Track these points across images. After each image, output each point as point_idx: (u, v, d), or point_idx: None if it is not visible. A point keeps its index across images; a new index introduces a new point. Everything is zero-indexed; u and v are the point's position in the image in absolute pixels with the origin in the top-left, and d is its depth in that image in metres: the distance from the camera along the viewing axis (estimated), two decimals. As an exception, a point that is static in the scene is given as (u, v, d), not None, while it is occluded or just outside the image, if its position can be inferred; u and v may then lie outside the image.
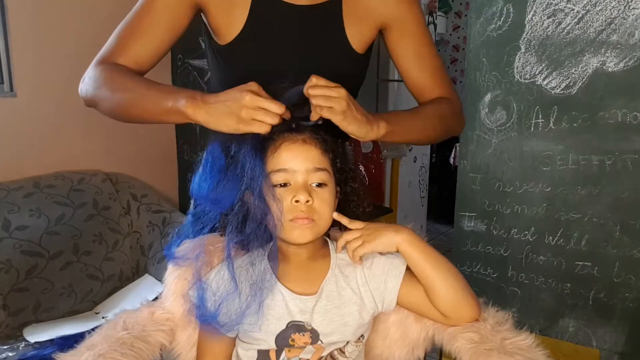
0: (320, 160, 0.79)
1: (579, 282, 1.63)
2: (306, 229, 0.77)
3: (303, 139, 0.78)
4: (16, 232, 1.75)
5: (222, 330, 0.80)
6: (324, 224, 0.79)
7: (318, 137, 0.79)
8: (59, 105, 2.06)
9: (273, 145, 0.78)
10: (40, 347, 1.57)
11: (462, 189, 1.81)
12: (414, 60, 1.02)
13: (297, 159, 0.77)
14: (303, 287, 0.82)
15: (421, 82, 1.02)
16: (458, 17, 4.66)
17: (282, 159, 0.77)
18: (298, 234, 0.77)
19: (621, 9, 1.47)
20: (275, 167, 0.77)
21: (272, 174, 0.77)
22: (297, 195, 0.75)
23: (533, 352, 0.76)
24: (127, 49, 0.92)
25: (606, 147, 1.54)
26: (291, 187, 0.77)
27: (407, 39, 1.01)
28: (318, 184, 0.78)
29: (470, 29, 1.72)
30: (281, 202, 0.76)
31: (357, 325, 0.82)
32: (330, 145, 0.81)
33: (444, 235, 3.82)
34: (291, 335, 0.80)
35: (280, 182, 0.77)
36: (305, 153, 0.78)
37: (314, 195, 0.77)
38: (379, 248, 0.80)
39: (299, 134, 0.78)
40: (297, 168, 0.77)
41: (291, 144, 0.78)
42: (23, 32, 1.94)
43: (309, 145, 0.78)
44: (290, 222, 0.76)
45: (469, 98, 1.75)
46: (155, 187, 2.40)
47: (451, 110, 1.01)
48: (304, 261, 0.82)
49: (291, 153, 0.77)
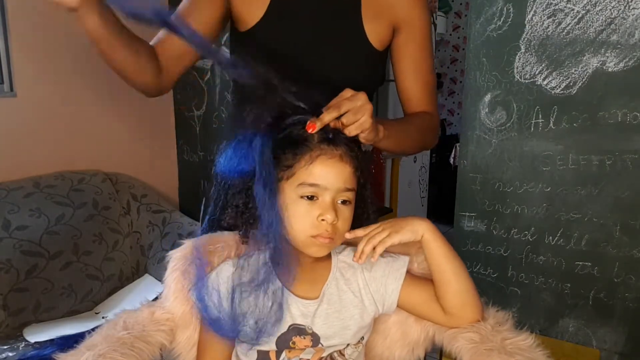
0: (352, 180, 0.77)
1: (579, 282, 1.63)
2: (324, 247, 0.77)
3: (340, 155, 0.76)
4: (16, 232, 1.75)
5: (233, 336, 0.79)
6: (340, 240, 0.79)
7: (353, 154, 0.78)
8: (59, 105, 2.06)
9: (309, 155, 0.75)
10: (40, 347, 1.57)
11: (462, 189, 1.81)
12: (412, 68, 1.03)
13: (331, 176, 0.75)
14: (305, 290, 0.81)
15: (412, 92, 1.04)
16: (458, 17, 4.66)
17: (316, 173, 0.74)
18: (316, 250, 0.77)
19: (621, 9, 1.47)
20: (307, 180, 0.74)
21: (301, 186, 0.75)
22: (325, 215, 0.74)
23: (533, 352, 0.77)
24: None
25: (606, 147, 1.54)
26: (318, 203, 0.75)
27: (411, 45, 1.02)
28: (343, 201, 0.77)
29: (470, 29, 1.72)
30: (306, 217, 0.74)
31: (358, 328, 0.82)
32: (361, 163, 0.80)
33: (444, 235, 3.82)
34: (292, 338, 0.80)
35: (307, 195, 0.75)
36: (341, 171, 0.75)
37: (339, 214, 0.76)
38: (407, 236, 0.79)
39: (336, 147, 0.76)
40: (330, 186, 0.75)
41: (328, 159, 0.75)
42: (23, 32, 1.94)
43: (345, 163, 0.76)
44: (312, 237, 0.75)
45: (469, 98, 1.75)
46: (155, 187, 2.40)
47: (432, 127, 1.05)
48: (307, 264, 0.82)
49: (327, 169, 0.75)
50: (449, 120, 4.84)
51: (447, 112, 4.89)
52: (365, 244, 0.78)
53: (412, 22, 1.00)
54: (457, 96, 4.80)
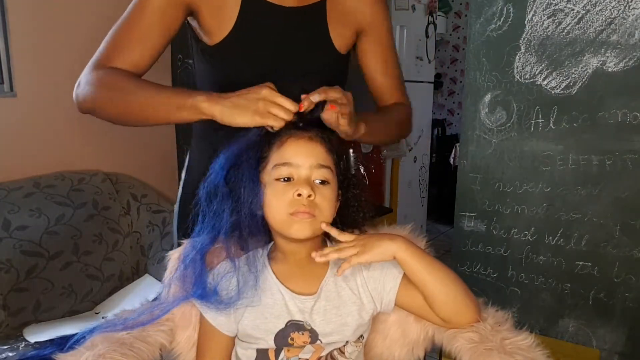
0: (325, 157, 0.80)
1: (579, 282, 1.63)
2: (305, 224, 0.77)
3: (309, 136, 0.80)
4: (16, 232, 1.75)
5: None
6: (322, 218, 0.78)
7: (324, 135, 0.81)
8: (59, 105, 2.06)
9: (279, 140, 0.79)
10: (40, 347, 1.57)
11: (462, 189, 1.81)
12: (381, 66, 1.10)
13: (302, 154, 0.78)
14: (302, 286, 0.82)
15: (384, 87, 1.11)
16: (458, 17, 4.66)
17: (287, 153, 0.78)
18: (297, 229, 0.77)
19: (621, 9, 1.47)
20: (279, 161, 0.78)
21: (275, 168, 0.78)
22: (300, 189, 0.76)
23: (533, 352, 0.76)
24: (123, 53, 0.92)
25: (606, 147, 1.54)
26: (294, 182, 0.77)
27: (377, 45, 1.09)
28: (321, 182, 0.78)
29: (470, 29, 1.72)
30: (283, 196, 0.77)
31: (357, 325, 0.82)
32: (335, 145, 0.83)
33: (444, 235, 3.82)
34: (290, 334, 0.80)
35: (283, 176, 0.78)
36: (311, 149, 0.79)
37: (316, 191, 0.77)
38: (377, 258, 0.78)
39: (306, 131, 0.80)
40: (302, 163, 0.78)
41: (297, 139, 0.79)
42: (23, 32, 1.94)
43: (315, 142, 0.80)
44: (291, 215, 0.76)
45: (469, 98, 1.75)
46: (155, 187, 2.40)
47: (406, 117, 1.12)
48: (303, 260, 0.82)
49: (296, 148, 0.79)
50: (449, 120, 4.84)
51: (447, 112, 4.89)
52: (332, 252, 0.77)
53: (376, 25, 1.07)
54: (457, 96, 4.80)
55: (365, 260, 0.77)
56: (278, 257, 0.84)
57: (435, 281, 0.79)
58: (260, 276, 0.81)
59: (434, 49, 3.41)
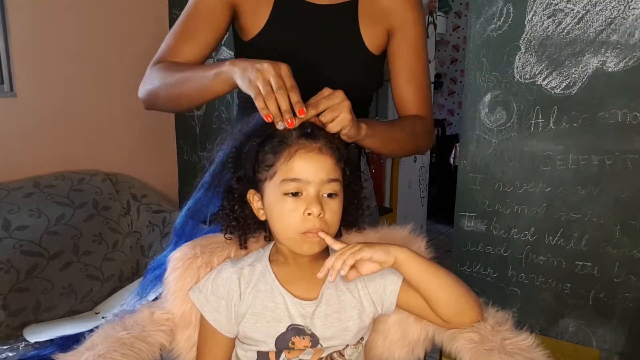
0: (334, 170, 0.77)
1: (579, 282, 1.63)
2: (316, 244, 0.76)
3: (319, 148, 0.76)
4: (16, 232, 1.75)
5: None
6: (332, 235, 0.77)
7: (333, 146, 0.78)
8: (59, 105, 2.06)
9: (287, 151, 0.75)
10: (40, 347, 1.57)
11: (462, 189, 1.80)
12: (406, 72, 1.06)
13: (311, 169, 0.75)
14: (303, 290, 0.81)
15: (405, 95, 1.06)
16: (458, 17, 4.66)
17: (296, 168, 0.75)
18: (308, 248, 0.76)
19: (621, 9, 1.47)
20: (288, 176, 0.75)
21: (283, 182, 0.75)
22: (310, 208, 0.74)
23: (533, 352, 0.76)
24: (178, 51, 0.99)
25: (606, 147, 1.54)
26: (303, 198, 0.75)
27: (404, 49, 1.05)
28: (329, 194, 0.76)
29: (470, 29, 1.72)
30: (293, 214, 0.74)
31: (358, 328, 0.82)
32: (344, 154, 0.80)
33: (444, 235, 3.82)
34: (291, 338, 0.80)
35: (291, 191, 0.75)
36: (321, 163, 0.75)
37: (325, 207, 0.75)
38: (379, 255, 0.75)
39: (315, 141, 0.76)
40: (312, 179, 0.74)
41: (307, 152, 0.75)
42: (23, 32, 1.94)
43: (325, 155, 0.76)
44: (301, 235, 0.75)
45: (469, 98, 1.75)
46: (155, 187, 2.40)
47: (424, 130, 1.05)
48: (304, 264, 0.82)
49: (306, 162, 0.75)
50: (449, 120, 4.84)
51: (447, 112, 4.89)
52: (335, 260, 0.73)
53: (406, 27, 1.04)
54: (457, 96, 4.80)
55: (369, 254, 0.74)
56: (279, 259, 0.83)
57: (437, 282, 0.78)
58: (261, 278, 0.80)
59: (434, 49, 3.41)
